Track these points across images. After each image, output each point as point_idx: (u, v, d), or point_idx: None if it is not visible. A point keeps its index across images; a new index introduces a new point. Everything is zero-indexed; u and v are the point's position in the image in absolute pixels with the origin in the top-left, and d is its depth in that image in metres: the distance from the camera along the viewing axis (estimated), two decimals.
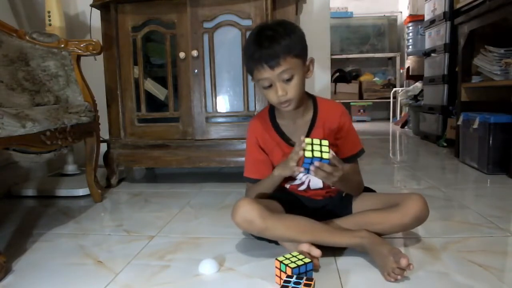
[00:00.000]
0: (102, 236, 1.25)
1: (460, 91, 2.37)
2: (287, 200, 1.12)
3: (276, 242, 1.08)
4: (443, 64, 2.94)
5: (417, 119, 3.53)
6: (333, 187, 1.15)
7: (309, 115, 1.11)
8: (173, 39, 1.78)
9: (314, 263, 0.93)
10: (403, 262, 0.87)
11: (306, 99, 1.10)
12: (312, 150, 0.91)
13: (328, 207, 1.15)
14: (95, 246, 1.15)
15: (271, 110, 1.13)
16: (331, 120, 1.10)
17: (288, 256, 0.91)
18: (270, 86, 0.99)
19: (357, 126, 4.64)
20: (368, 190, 1.17)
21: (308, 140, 0.92)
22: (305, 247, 0.96)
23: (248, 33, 1.72)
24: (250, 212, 0.97)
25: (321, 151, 0.91)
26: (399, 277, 0.87)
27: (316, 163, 0.91)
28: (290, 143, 1.10)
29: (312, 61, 1.05)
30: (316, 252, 0.94)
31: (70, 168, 1.90)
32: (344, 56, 5.30)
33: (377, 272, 0.92)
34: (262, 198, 1.10)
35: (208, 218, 1.40)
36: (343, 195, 1.17)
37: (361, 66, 5.43)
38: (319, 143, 0.92)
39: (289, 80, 0.98)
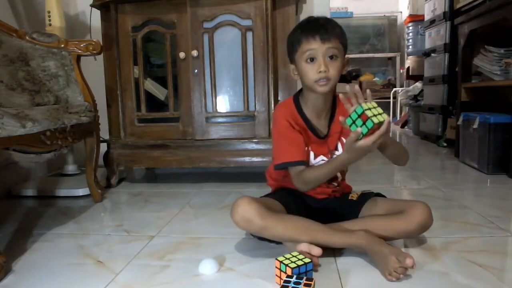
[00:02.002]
0: (102, 236, 1.25)
1: (460, 91, 2.37)
2: (289, 200, 1.12)
3: (277, 242, 1.08)
4: (443, 64, 2.94)
5: (417, 119, 3.53)
6: (337, 186, 1.16)
7: (330, 111, 1.13)
8: (173, 39, 1.78)
9: (314, 262, 0.93)
10: (409, 262, 0.88)
11: (333, 97, 1.13)
12: (375, 115, 0.89)
13: (330, 206, 1.15)
14: (95, 246, 1.15)
15: (296, 101, 1.13)
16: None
17: (288, 256, 0.91)
18: (313, 62, 1.02)
19: None
20: (379, 195, 1.17)
21: (369, 112, 0.88)
22: (304, 247, 0.96)
23: (248, 33, 1.73)
24: (249, 211, 0.97)
25: (381, 114, 0.90)
26: (401, 276, 0.88)
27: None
28: (316, 133, 1.11)
29: (348, 60, 1.10)
30: (317, 250, 0.94)
31: (70, 168, 1.90)
32: None
33: (377, 272, 0.92)
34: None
35: (208, 218, 1.40)
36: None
37: (361, 66, 5.43)
38: (367, 107, 0.90)
39: (332, 59, 1.02)
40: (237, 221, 0.99)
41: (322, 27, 1.01)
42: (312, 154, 1.11)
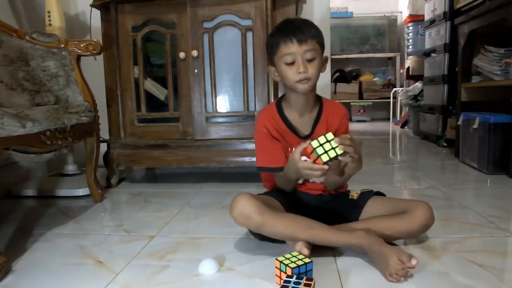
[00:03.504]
0: (102, 236, 1.25)
1: (460, 91, 2.37)
2: (287, 199, 1.12)
3: (279, 242, 1.08)
4: (443, 64, 2.94)
5: (417, 119, 3.53)
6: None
7: (315, 111, 1.15)
8: (173, 39, 1.78)
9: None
10: (414, 262, 0.88)
11: (315, 96, 1.16)
12: (326, 152, 0.93)
13: (331, 205, 1.15)
14: (95, 246, 1.15)
15: (279, 104, 1.17)
16: (333, 118, 1.15)
17: (288, 256, 0.91)
18: (293, 63, 1.04)
19: (357, 126, 4.66)
20: (378, 194, 1.17)
21: (315, 143, 0.94)
22: (297, 246, 0.96)
23: (248, 33, 1.73)
24: (247, 208, 0.98)
25: (333, 148, 0.93)
26: (402, 278, 0.87)
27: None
28: (297, 134, 1.13)
29: (326, 59, 1.13)
30: (305, 251, 0.95)
31: (70, 168, 1.90)
32: (344, 56, 5.30)
33: (377, 272, 0.92)
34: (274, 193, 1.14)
35: (208, 218, 1.40)
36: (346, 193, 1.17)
37: (361, 66, 5.43)
38: (325, 140, 0.94)
39: (311, 60, 1.05)
40: (235, 217, 1.00)
41: (298, 29, 1.04)
42: None
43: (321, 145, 0.94)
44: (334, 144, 0.93)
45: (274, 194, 1.14)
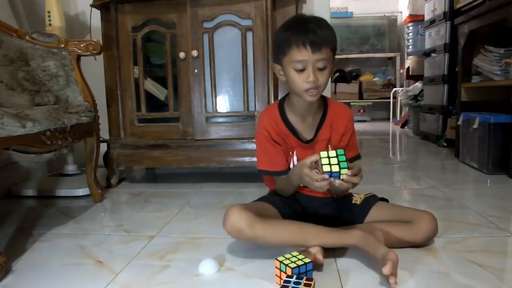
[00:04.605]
0: (102, 236, 1.25)
1: (460, 91, 2.37)
2: (284, 203, 1.12)
3: None
4: (443, 64, 2.94)
5: (417, 119, 3.53)
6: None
7: (319, 114, 1.12)
8: (173, 39, 1.78)
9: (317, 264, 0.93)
10: (385, 270, 0.82)
11: (319, 99, 1.11)
12: (330, 164, 0.91)
13: (334, 211, 1.14)
14: (95, 246, 1.16)
15: (281, 106, 1.13)
16: (338, 122, 1.12)
17: (288, 256, 0.90)
18: (302, 70, 0.99)
19: (357, 126, 4.64)
20: (382, 199, 1.17)
21: (323, 153, 0.92)
22: (313, 250, 0.95)
23: (248, 33, 1.73)
24: (238, 221, 0.95)
25: (339, 165, 0.91)
26: (394, 279, 0.83)
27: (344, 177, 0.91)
28: (299, 137, 1.11)
29: (335, 63, 1.09)
30: (319, 259, 0.94)
31: (70, 168, 1.90)
32: (344, 56, 5.30)
33: (377, 272, 0.92)
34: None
35: (208, 218, 1.40)
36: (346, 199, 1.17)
37: (361, 66, 5.43)
38: (335, 155, 0.92)
39: (322, 69, 1.00)
40: (228, 231, 0.98)
41: (312, 32, 0.96)
42: (295, 158, 1.11)
43: (328, 158, 0.92)
44: (342, 164, 0.91)
45: (271, 199, 1.13)
